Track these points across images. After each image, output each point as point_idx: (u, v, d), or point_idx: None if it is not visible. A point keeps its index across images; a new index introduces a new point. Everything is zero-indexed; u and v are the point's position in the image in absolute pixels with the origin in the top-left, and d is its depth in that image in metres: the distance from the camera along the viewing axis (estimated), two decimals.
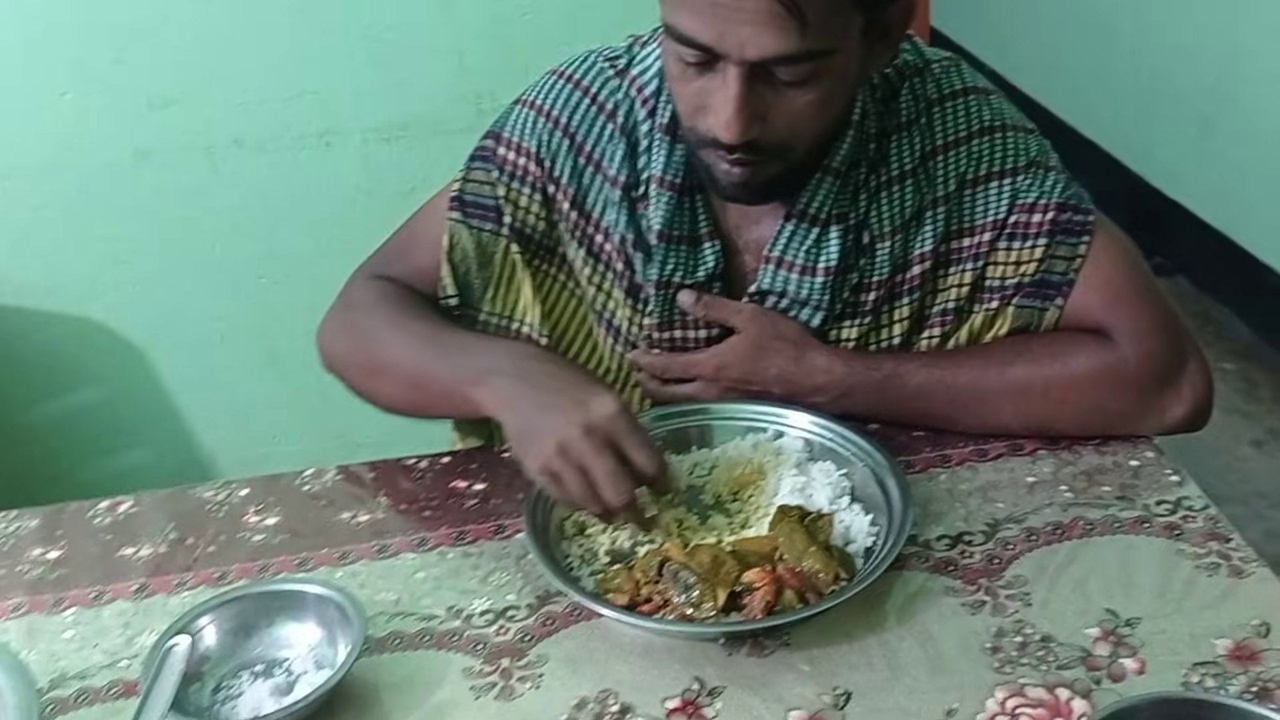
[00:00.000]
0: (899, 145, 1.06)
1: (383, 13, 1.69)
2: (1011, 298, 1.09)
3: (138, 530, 1.07)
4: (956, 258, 1.09)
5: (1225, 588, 0.91)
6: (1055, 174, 1.07)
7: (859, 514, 0.98)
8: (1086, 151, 3.42)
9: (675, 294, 1.11)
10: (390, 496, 1.09)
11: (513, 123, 1.13)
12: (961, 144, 1.06)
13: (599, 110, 1.11)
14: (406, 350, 1.10)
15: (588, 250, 1.13)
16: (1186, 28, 2.93)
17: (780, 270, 1.08)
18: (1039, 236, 1.07)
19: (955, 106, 1.06)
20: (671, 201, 1.07)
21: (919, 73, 1.07)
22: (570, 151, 1.11)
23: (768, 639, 0.89)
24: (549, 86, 1.13)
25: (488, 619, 0.94)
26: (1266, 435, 2.53)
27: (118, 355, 1.84)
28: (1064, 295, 1.08)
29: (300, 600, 0.92)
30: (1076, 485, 1.03)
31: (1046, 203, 1.06)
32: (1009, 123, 1.07)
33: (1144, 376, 1.06)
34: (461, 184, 1.15)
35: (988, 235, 1.07)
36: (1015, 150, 1.06)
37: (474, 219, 1.14)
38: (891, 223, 1.07)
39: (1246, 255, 2.82)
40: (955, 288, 1.09)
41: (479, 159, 1.15)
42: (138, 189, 1.73)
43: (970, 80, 1.08)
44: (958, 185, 1.07)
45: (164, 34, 1.66)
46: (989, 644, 0.88)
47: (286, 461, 1.36)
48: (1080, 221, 1.07)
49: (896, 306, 1.10)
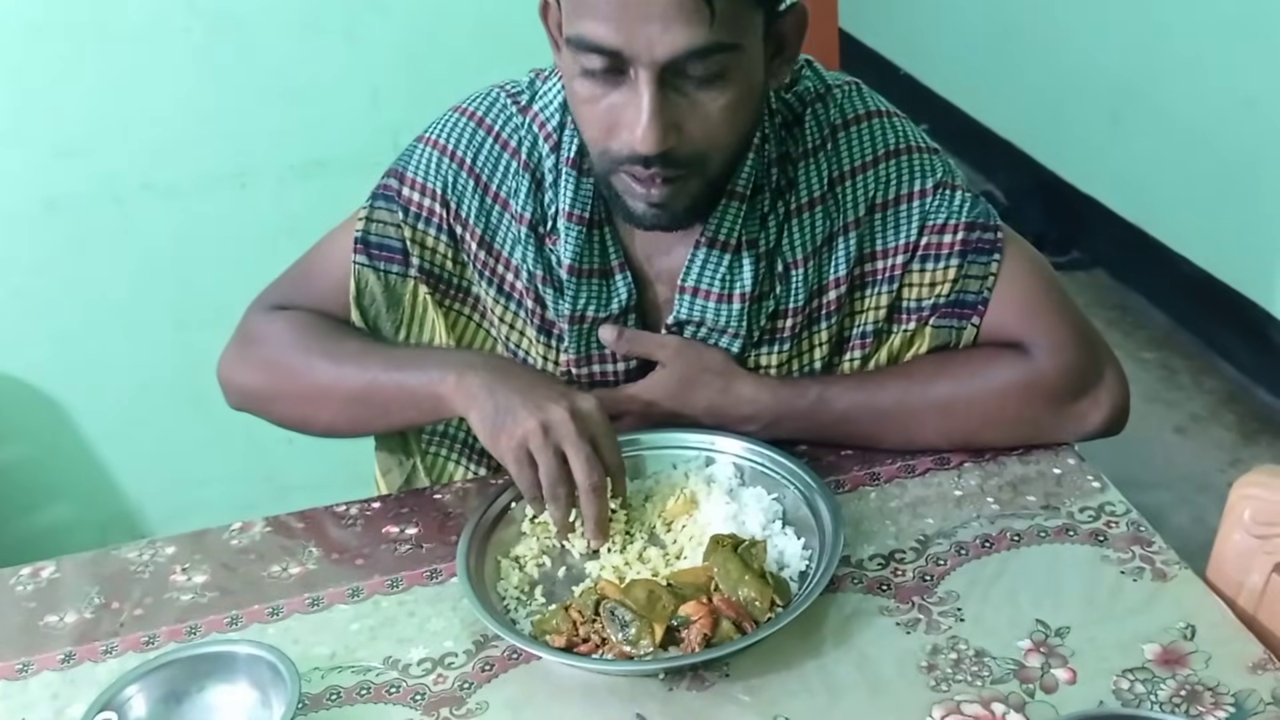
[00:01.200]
0: (806, 172, 1.07)
1: (292, 50, 1.68)
2: (928, 318, 1.10)
3: (61, 596, 1.04)
4: (871, 280, 1.10)
5: (1150, 591, 0.93)
6: (962, 193, 1.09)
7: (791, 538, 0.99)
8: (1000, 149, 3.48)
9: (590, 328, 1.10)
10: (321, 546, 1.08)
11: (416, 162, 1.12)
12: (868, 168, 1.07)
13: (503, 148, 1.10)
14: (346, 369, 1.09)
15: (498, 289, 1.13)
16: (1093, 24, 3.00)
17: (696, 299, 1.08)
18: (951, 257, 1.08)
19: (860, 131, 1.07)
20: (581, 235, 1.07)
21: (820, 99, 1.08)
22: (476, 191, 1.11)
23: (707, 671, 0.89)
24: (452, 124, 1.12)
25: (425, 668, 0.93)
26: (1188, 421, 2.59)
27: (35, 411, 1.80)
28: (979, 314, 1.09)
29: (230, 661, 0.90)
30: (1002, 497, 1.05)
31: (956, 223, 1.08)
32: (913, 145, 1.08)
33: (1062, 388, 1.08)
34: (365, 224, 1.13)
35: (900, 258, 1.09)
36: (921, 172, 1.08)
37: (380, 261, 1.13)
38: (804, 249, 1.07)
39: (1159, 245, 2.89)
40: (872, 310, 1.11)
41: (382, 198, 1.13)
42: (47, 240, 1.70)
43: (873, 104, 1.09)
44: (867, 209, 1.08)
45: (67, 80, 1.63)
46: (924, 662, 0.89)
47: (215, 508, 1.34)
48: (990, 239, 1.08)
49: (815, 331, 1.11)
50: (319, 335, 1.13)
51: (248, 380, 1.16)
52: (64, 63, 1.62)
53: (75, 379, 1.80)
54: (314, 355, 1.11)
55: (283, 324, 1.15)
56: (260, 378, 1.15)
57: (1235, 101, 2.57)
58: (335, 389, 1.10)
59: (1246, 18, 2.50)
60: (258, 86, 1.69)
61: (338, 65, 1.70)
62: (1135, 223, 2.97)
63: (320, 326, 1.14)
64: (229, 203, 1.73)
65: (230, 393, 1.18)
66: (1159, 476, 2.38)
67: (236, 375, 1.17)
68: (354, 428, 1.14)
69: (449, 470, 1.20)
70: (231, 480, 1.85)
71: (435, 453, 1.20)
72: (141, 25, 1.62)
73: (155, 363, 1.79)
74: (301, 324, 1.14)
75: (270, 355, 1.14)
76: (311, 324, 1.14)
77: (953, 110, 3.69)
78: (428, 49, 1.69)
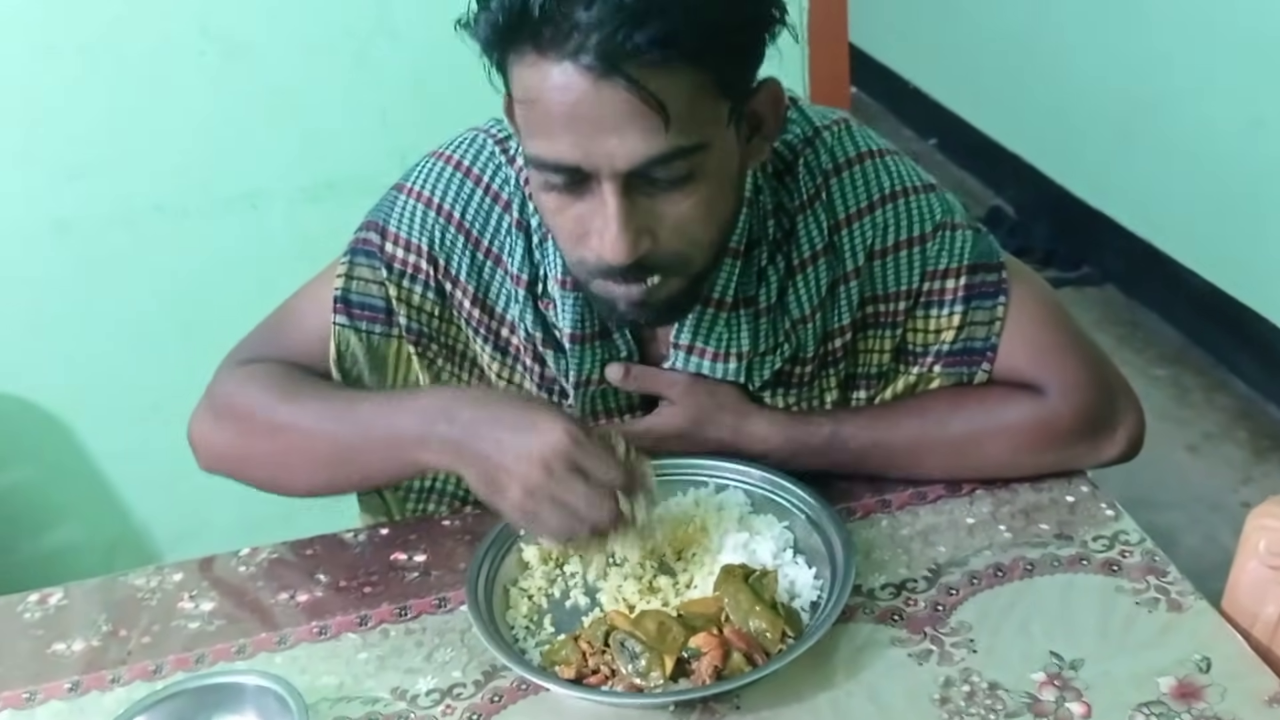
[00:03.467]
0: (805, 225, 1.03)
1: (303, 72, 1.67)
2: (933, 365, 1.08)
3: (69, 624, 1.04)
4: (874, 323, 1.08)
5: (1165, 623, 0.92)
6: (962, 232, 1.06)
7: (803, 567, 0.99)
8: (1010, 164, 3.48)
9: (595, 390, 1.08)
10: (329, 573, 1.07)
11: (399, 215, 1.06)
12: (864, 215, 1.04)
13: (494, 201, 1.05)
14: (319, 430, 1.02)
15: (494, 345, 1.09)
16: (1103, 41, 2.99)
17: (691, 357, 1.05)
18: (955, 303, 1.06)
19: (853, 175, 1.04)
20: (578, 302, 1.03)
21: (809, 144, 1.04)
22: (467, 247, 1.06)
23: (717, 704, 0.89)
24: (436, 174, 1.06)
25: (434, 698, 0.92)
26: (1200, 439, 2.57)
27: (43, 432, 1.79)
28: (989, 360, 1.07)
29: (238, 693, 0.90)
30: (1015, 525, 1.04)
31: (958, 266, 1.06)
32: (909, 186, 1.05)
33: (1078, 428, 1.07)
34: (345, 280, 1.07)
35: (902, 304, 1.07)
36: (920, 215, 1.05)
37: (362, 321, 1.08)
38: (810, 304, 1.05)
39: (1170, 261, 2.88)
40: (876, 352, 1.09)
41: (362, 254, 1.07)
42: (58, 261, 1.70)
43: (864, 144, 1.05)
44: (866, 257, 1.05)
45: (79, 102, 1.63)
46: (937, 695, 0.88)
47: (223, 530, 1.33)
48: (994, 281, 1.06)
49: (824, 376, 1.10)
50: (291, 390, 1.05)
51: (217, 441, 1.09)
52: (76, 84, 1.62)
53: (84, 400, 1.79)
54: (282, 412, 1.04)
55: (254, 379, 1.07)
56: (230, 437, 1.07)
57: (1244, 120, 2.57)
58: (308, 450, 1.03)
59: (1255, 38, 2.50)
60: (269, 109, 1.68)
61: (348, 87, 1.69)
62: (1145, 238, 2.97)
63: (292, 379, 1.06)
64: (240, 224, 1.73)
65: (200, 454, 1.11)
66: (1171, 496, 2.37)
67: (204, 436, 1.10)
68: (335, 488, 1.07)
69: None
70: (239, 502, 1.83)
71: (419, 509, 1.16)
72: (154, 48, 1.62)
73: (164, 384, 1.77)
74: (274, 378, 1.07)
75: (236, 412, 1.07)
76: (284, 377, 1.07)
77: (962, 125, 3.69)
78: (437, 71, 1.69)
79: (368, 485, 1.11)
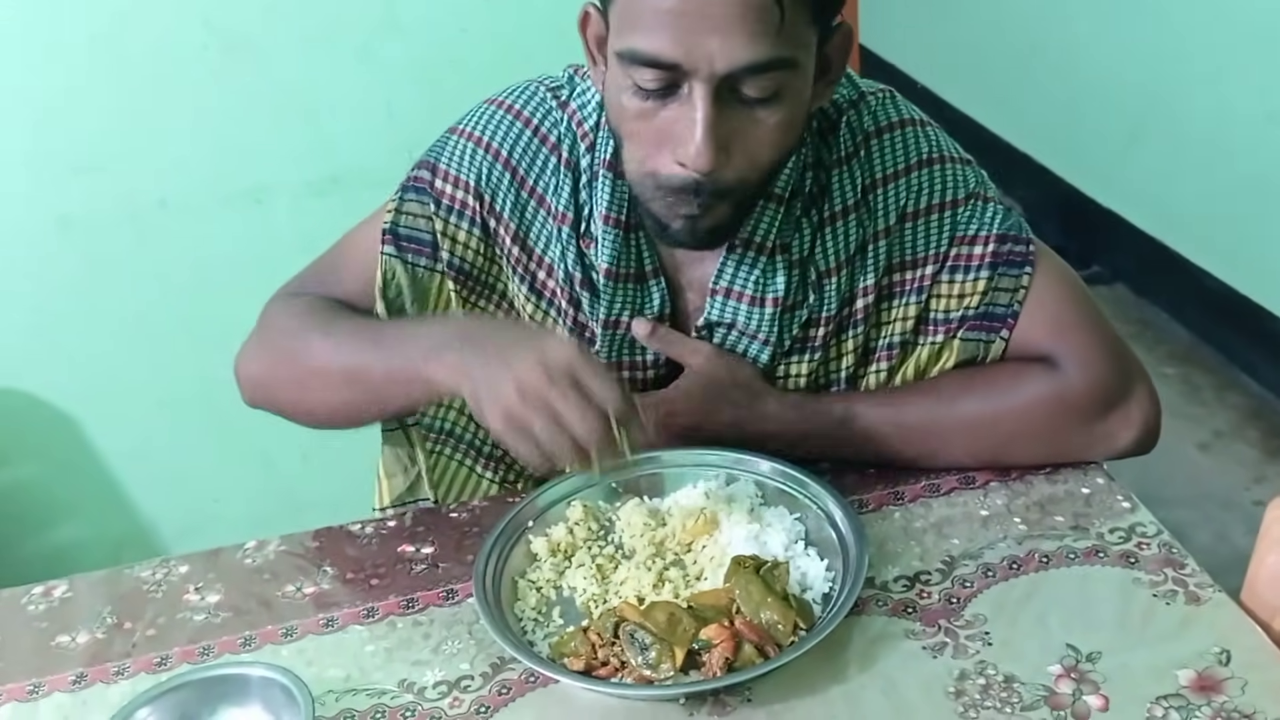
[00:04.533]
0: (840, 180, 1.05)
1: (308, 67, 1.67)
2: (956, 330, 1.08)
3: (73, 616, 1.03)
4: (900, 290, 1.08)
5: (1183, 615, 0.91)
6: (994, 205, 1.07)
7: (814, 559, 0.97)
8: (1020, 164, 3.46)
9: (624, 334, 1.08)
10: (336, 565, 1.06)
11: (449, 154, 1.09)
12: (900, 177, 1.05)
13: (541, 142, 1.07)
14: (340, 350, 1.04)
15: (530, 287, 1.11)
16: (1113, 38, 2.98)
17: (729, 301, 1.06)
18: (981, 269, 1.06)
19: (893, 139, 1.06)
20: (618, 239, 1.05)
21: (854, 105, 1.06)
22: (512, 185, 1.08)
23: (729, 696, 0.87)
24: (488, 116, 1.09)
25: (441, 691, 0.91)
26: (1211, 437, 2.56)
27: (50, 428, 1.79)
28: (1009, 327, 1.07)
29: (243, 684, 0.89)
30: (1030, 517, 1.03)
31: (987, 234, 1.06)
32: (946, 154, 1.07)
33: (1092, 404, 1.06)
34: (394, 215, 1.10)
35: (930, 268, 1.07)
36: (954, 182, 1.06)
37: (409, 254, 1.10)
38: (837, 258, 1.06)
39: (1180, 259, 2.87)
40: (900, 321, 1.09)
41: (413, 189, 1.10)
42: (62, 257, 1.69)
43: (906, 112, 1.07)
44: (898, 218, 1.06)
45: (84, 97, 1.63)
46: (952, 688, 0.86)
47: (230, 525, 1.32)
48: (1021, 252, 1.07)
49: (843, 340, 1.09)
50: (319, 316, 1.09)
51: (252, 368, 1.12)
52: (80, 80, 1.62)
53: (90, 396, 1.79)
54: (311, 336, 1.07)
55: (290, 308, 1.11)
56: (263, 363, 1.11)
57: (1256, 115, 2.55)
58: (328, 370, 1.05)
59: (1267, 33, 2.48)
60: (273, 104, 1.68)
61: (353, 82, 1.69)
62: (1156, 236, 2.95)
63: (322, 308, 1.10)
64: (245, 220, 1.73)
65: (242, 385, 1.14)
66: (1182, 493, 2.35)
67: (244, 366, 1.13)
68: (353, 412, 1.08)
69: (453, 471, 1.17)
70: (246, 497, 1.84)
71: (439, 451, 1.17)
72: (158, 43, 1.62)
73: (170, 380, 1.79)
74: (305, 307, 1.10)
75: (272, 339, 1.11)
76: (315, 306, 1.10)
77: (972, 124, 3.67)
78: (442, 65, 1.69)
79: (383, 409, 1.09)
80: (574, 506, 1.05)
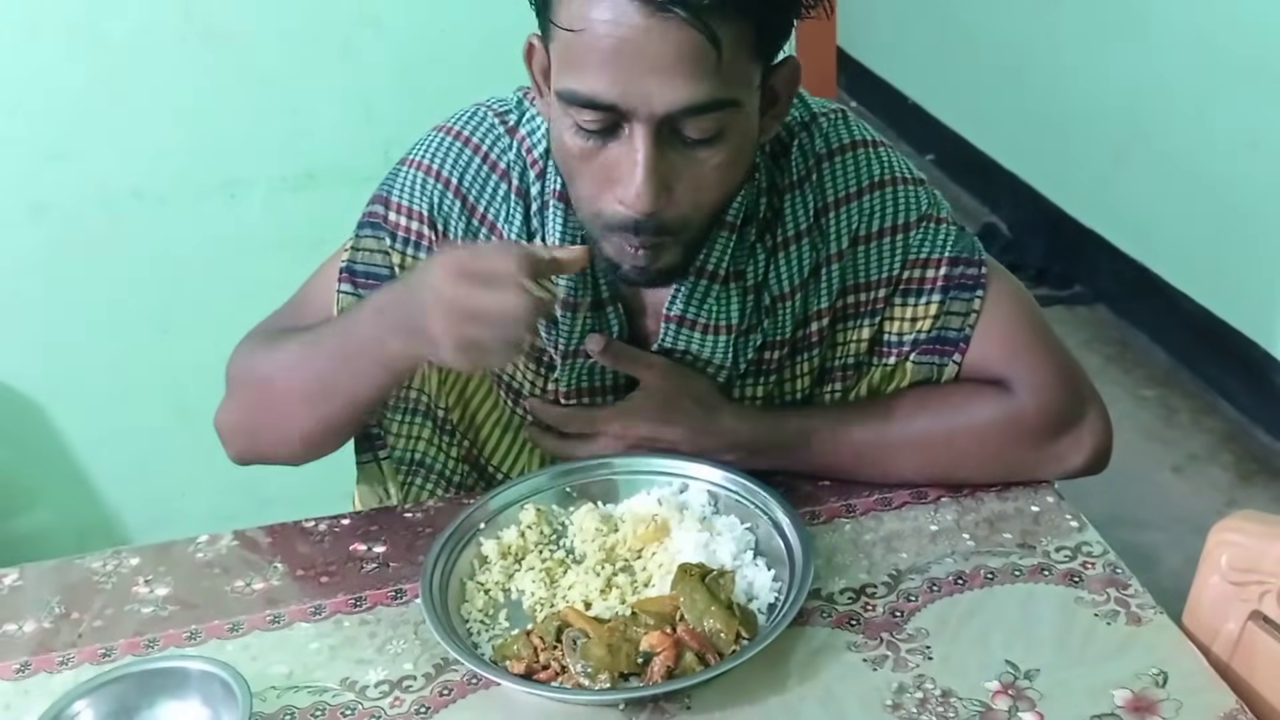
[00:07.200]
0: (793, 205, 1.04)
1: (287, 62, 1.67)
2: (909, 354, 1.08)
3: (21, 605, 1.03)
4: (854, 313, 1.08)
5: (1124, 636, 0.91)
6: (946, 226, 1.07)
7: (762, 569, 0.97)
8: (1004, 181, 3.47)
9: (583, 361, 1.07)
10: (286, 562, 1.06)
11: (400, 185, 1.08)
12: (852, 200, 1.05)
13: (491, 169, 1.06)
14: (298, 361, 1.05)
15: None
16: (1099, 61, 2.99)
17: (682, 329, 1.05)
18: (933, 292, 1.06)
19: (844, 161, 1.05)
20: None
21: (805, 128, 1.05)
22: (463, 213, 1.06)
23: (668, 703, 0.88)
24: (436, 144, 1.08)
25: (383, 690, 0.91)
26: (1185, 460, 2.56)
27: (16, 415, 1.78)
28: (961, 351, 1.08)
29: (183, 678, 0.89)
30: (978, 533, 1.03)
31: (939, 257, 1.06)
32: (898, 176, 1.06)
33: (1043, 426, 1.06)
34: (351, 253, 1.09)
35: (882, 291, 1.07)
36: (906, 205, 1.06)
37: (365, 290, 1.08)
38: (791, 283, 1.05)
39: (1162, 283, 2.88)
40: (854, 343, 1.09)
41: (368, 226, 1.09)
42: (33, 244, 1.69)
43: (859, 133, 1.07)
44: (850, 242, 1.06)
45: (60, 83, 1.62)
46: (890, 701, 0.87)
47: (194, 518, 1.31)
48: (973, 275, 1.07)
49: (798, 362, 1.09)
50: (270, 344, 1.09)
51: (231, 417, 1.12)
52: (57, 66, 1.61)
53: (57, 384, 1.78)
54: (267, 361, 1.07)
55: (245, 350, 1.11)
56: (234, 407, 1.11)
57: (1239, 143, 2.56)
58: (292, 386, 1.05)
59: (1250, 63, 2.50)
60: (251, 97, 1.68)
61: (332, 78, 1.68)
62: (1138, 259, 2.96)
63: (268, 338, 1.10)
64: (218, 213, 1.72)
65: (226, 441, 1.13)
66: (1153, 516, 2.36)
67: (222, 418, 1.12)
68: (329, 421, 1.07)
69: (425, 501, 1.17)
70: (211, 491, 1.83)
71: (411, 482, 1.17)
72: (136, 32, 1.61)
73: (139, 371, 1.78)
74: (255, 344, 1.10)
75: (236, 382, 1.11)
76: (267, 337, 1.10)
77: (960, 141, 3.68)
78: (422, 64, 1.68)
79: (355, 406, 1.07)
80: (527, 510, 1.05)
